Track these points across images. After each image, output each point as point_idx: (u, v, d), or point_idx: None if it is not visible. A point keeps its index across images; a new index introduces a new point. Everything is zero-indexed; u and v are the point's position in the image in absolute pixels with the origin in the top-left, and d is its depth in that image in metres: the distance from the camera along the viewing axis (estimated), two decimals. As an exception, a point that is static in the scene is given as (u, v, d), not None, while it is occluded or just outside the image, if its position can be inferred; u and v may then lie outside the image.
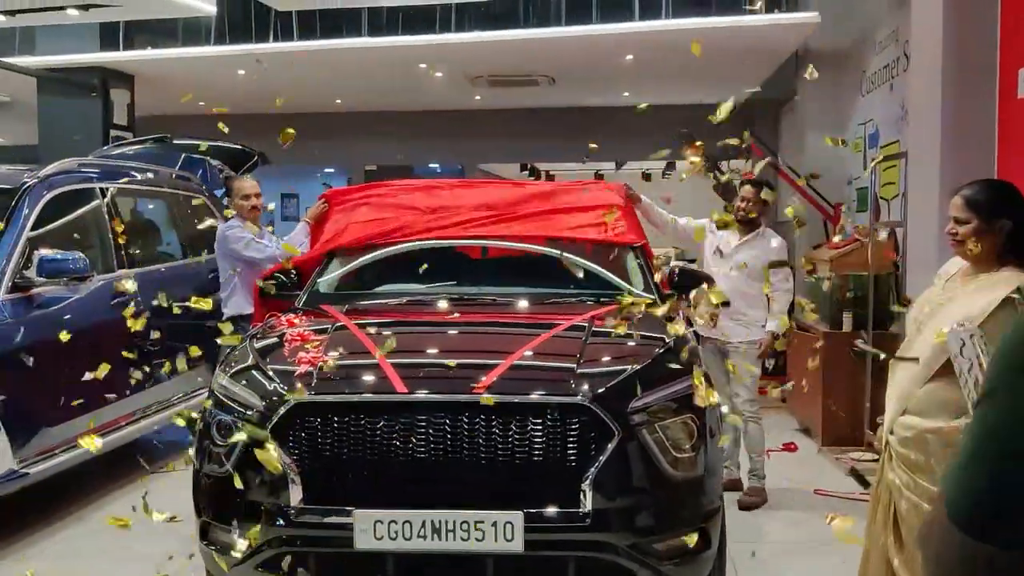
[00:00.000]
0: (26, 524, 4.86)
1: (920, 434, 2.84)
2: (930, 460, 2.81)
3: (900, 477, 2.89)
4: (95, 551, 4.53)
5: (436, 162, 14.79)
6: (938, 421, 2.82)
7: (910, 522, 2.86)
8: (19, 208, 4.90)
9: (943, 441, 2.80)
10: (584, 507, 3.00)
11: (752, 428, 5.45)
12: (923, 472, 2.83)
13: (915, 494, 2.84)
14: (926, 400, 2.87)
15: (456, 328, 3.88)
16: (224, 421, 3.27)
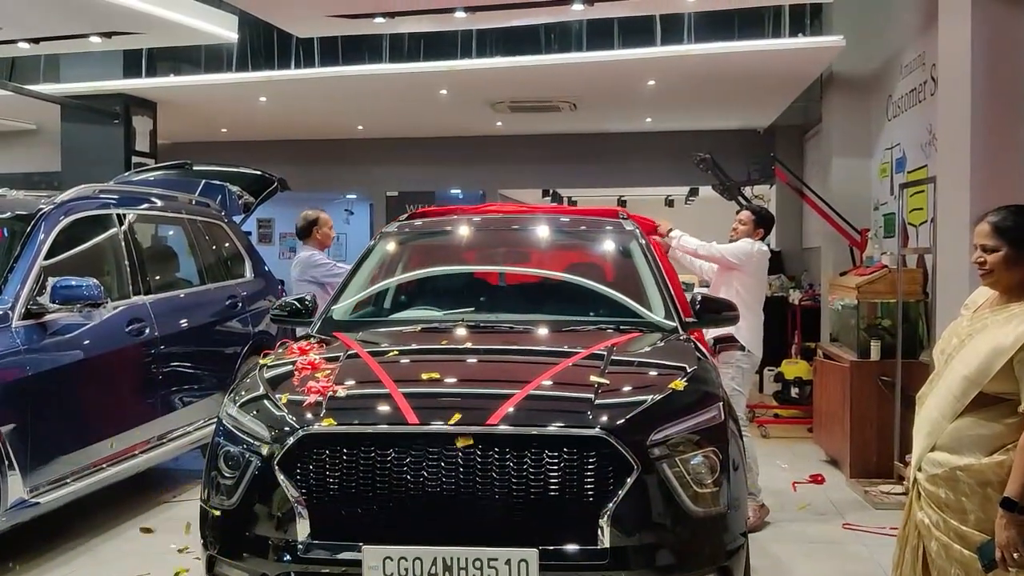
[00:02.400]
0: (36, 555, 4.78)
1: (951, 472, 2.71)
2: (961, 499, 2.68)
3: (929, 516, 2.76)
4: (104, 583, 4.44)
5: (458, 188, 14.76)
6: (969, 458, 2.70)
7: (939, 564, 2.73)
8: (34, 234, 4.87)
9: (975, 479, 2.67)
10: (602, 544, 2.88)
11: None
12: (953, 511, 2.70)
13: (945, 534, 2.70)
14: (957, 435, 2.74)
15: (471, 356, 3.78)
16: (232, 452, 3.19)
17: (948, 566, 2.70)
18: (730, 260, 5.59)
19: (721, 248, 5.64)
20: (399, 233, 5.01)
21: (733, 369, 5.53)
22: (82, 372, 4.84)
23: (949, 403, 2.77)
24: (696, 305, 4.33)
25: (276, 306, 4.53)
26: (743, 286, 5.57)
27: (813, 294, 10.27)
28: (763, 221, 5.86)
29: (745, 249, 5.63)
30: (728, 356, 5.53)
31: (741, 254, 5.61)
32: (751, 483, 5.34)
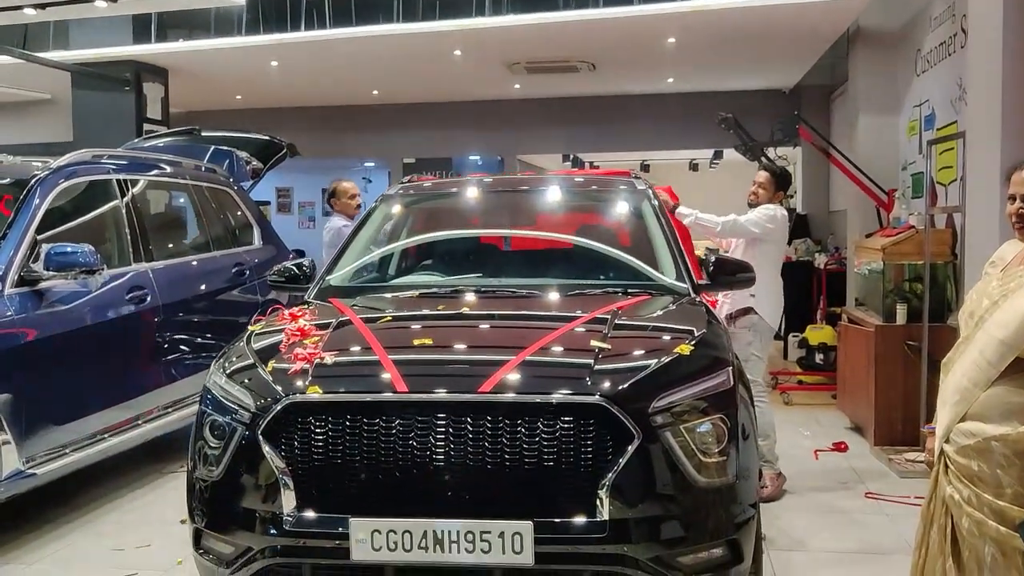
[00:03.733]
0: (34, 526, 4.71)
1: (984, 442, 2.49)
2: (996, 471, 2.46)
3: (959, 491, 2.54)
4: (102, 556, 4.36)
5: (476, 153, 14.54)
6: (1006, 427, 2.47)
7: (972, 543, 2.51)
8: (29, 199, 4.75)
9: (1012, 449, 2.45)
10: (600, 516, 2.72)
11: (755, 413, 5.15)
12: (988, 485, 2.48)
13: (978, 509, 2.49)
14: (991, 403, 2.51)
15: (468, 322, 3.61)
16: (217, 421, 3.06)
17: (981, 544, 2.49)
18: (756, 232, 5.34)
19: (743, 221, 5.36)
20: (401, 196, 4.85)
21: (751, 334, 5.36)
22: (79, 340, 4.74)
23: (982, 369, 2.54)
24: (709, 267, 4.12)
25: (274, 271, 4.38)
26: (764, 255, 5.34)
27: (839, 258, 10.01)
28: (782, 181, 5.65)
29: (768, 216, 5.39)
30: (746, 321, 5.35)
31: (766, 222, 5.35)
32: (768, 451, 5.25)
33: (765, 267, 5.26)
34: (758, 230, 5.34)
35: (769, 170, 5.67)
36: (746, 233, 5.36)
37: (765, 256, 5.36)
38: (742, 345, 5.25)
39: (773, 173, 5.61)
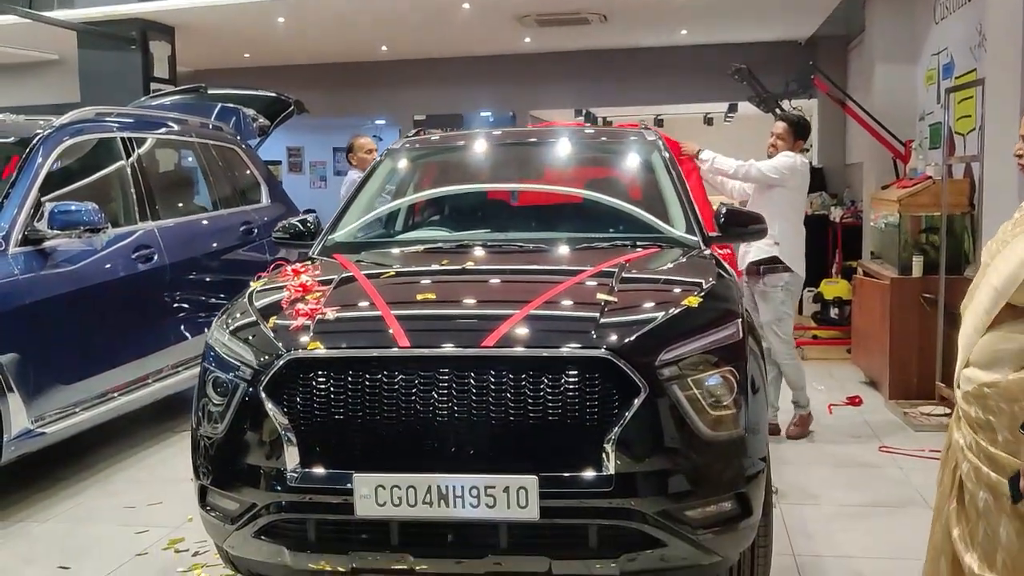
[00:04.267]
0: (47, 484, 4.74)
1: (979, 388, 2.47)
2: (989, 418, 2.43)
3: (964, 437, 2.52)
4: (113, 513, 4.38)
5: (487, 109, 14.39)
6: (997, 374, 2.44)
7: (970, 488, 2.50)
8: (32, 157, 4.71)
9: (1003, 396, 2.41)
10: (606, 471, 2.68)
11: (788, 368, 5.44)
12: (984, 431, 2.45)
13: (976, 456, 2.47)
14: (986, 350, 2.49)
15: (474, 277, 3.55)
16: (220, 378, 3.02)
17: (977, 490, 2.48)
18: (772, 177, 5.27)
19: (760, 165, 5.31)
20: (407, 150, 4.78)
21: (782, 292, 5.35)
22: (86, 299, 4.72)
23: (980, 316, 2.52)
24: (720, 218, 4.04)
25: (278, 228, 4.34)
26: (786, 203, 5.31)
27: (855, 211, 9.87)
28: (800, 130, 5.55)
29: (787, 163, 5.31)
30: (775, 279, 5.32)
31: (784, 168, 5.29)
32: (800, 397, 5.50)
33: (788, 215, 5.31)
34: (775, 175, 5.28)
35: (786, 119, 5.59)
36: (763, 178, 5.29)
37: (788, 204, 5.34)
38: (775, 305, 5.34)
39: (790, 122, 5.53)
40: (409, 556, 2.77)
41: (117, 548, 3.94)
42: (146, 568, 3.74)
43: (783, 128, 5.49)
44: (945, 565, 2.60)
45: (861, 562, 3.66)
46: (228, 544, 3.01)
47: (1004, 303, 2.45)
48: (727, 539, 2.83)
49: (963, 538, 2.54)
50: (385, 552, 2.78)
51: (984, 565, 2.45)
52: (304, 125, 14.56)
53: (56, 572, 3.72)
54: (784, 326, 5.37)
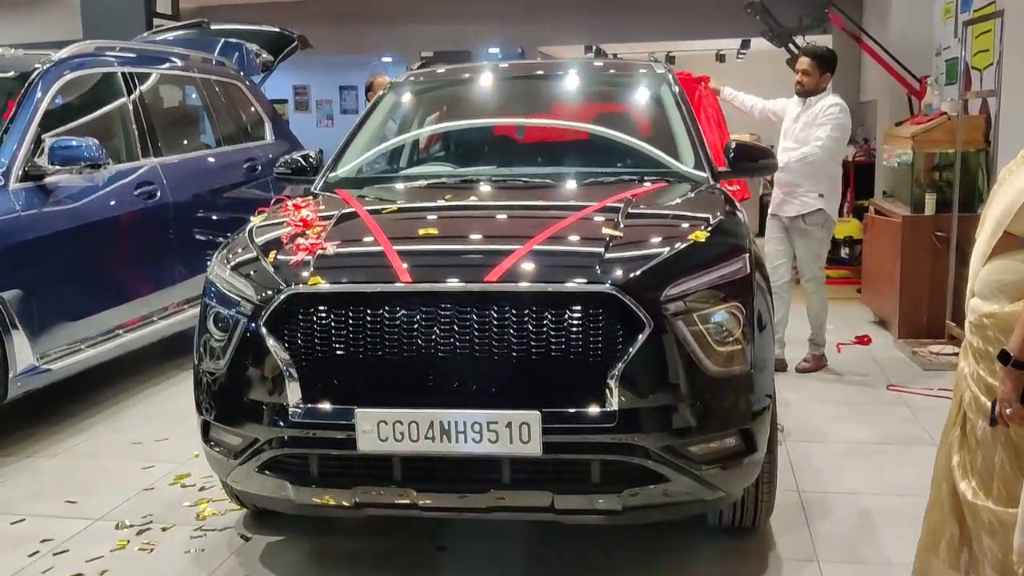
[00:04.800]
0: (55, 421, 4.76)
1: (979, 319, 2.49)
2: (988, 348, 2.45)
3: (969, 365, 2.54)
4: (120, 449, 4.40)
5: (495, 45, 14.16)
6: (994, 304, 2.45)
7: (971, 416, 2.53)
8: (31, 92, 4.64)
9: (999, 327, 2.43)
10: (610, 406, 2.65)
11: (813, 298, 5.54)
12: (984, 361, 2.47)
13: (976, 384, 2.50)
14: (986, 281, 2.50)
15: (477, 212, 3.50)
16: (221, 314, 3.00)
17: (976, 417, 2.51)
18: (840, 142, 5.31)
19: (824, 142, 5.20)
20: (411, 84, 4.69)
21: (823, 231, 5.45)
22: (89, 236, 4.69)
23: (981, 246, 2.53)
24: (730, 153, 3.97)
25: (280, 163, 4.28)
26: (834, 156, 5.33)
27: (868, 150, 9.72)
28: (827, 62, 5.42)
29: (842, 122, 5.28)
30: (818, 218, 5.36)
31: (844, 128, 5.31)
32: (818, 335, 5.59)
33: (832, 168, 5.37)
34: (841, 137, 5.29)
35: (810, 53, 5.48)
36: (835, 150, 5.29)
37: (833, 157, 5.35)
38: (814, 243, 5.43)
39: (815, 55, 5.42)
40: (412, 491, 2.77)
41: (124, 483, 3.96)
42: (152, 502, 3.76)
43: (808, 63, 5.37)
44: (946, 492, 2.63)
45: (866, 498, 3.65)
46: (232, 479, 3.02)
47: (1002, 232, 2.45)
48: (731, 475, 2.82)
49: (962, 465, 2.57)
50: (388, 487, 2.78)
51: (980, 493, 2.49)
52: (310, 63, 14.38)
53: (64, 506, 3.75)
54: (821, 260, 5.53)
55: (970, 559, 2.61)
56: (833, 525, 3.44)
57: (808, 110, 5.34)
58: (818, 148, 5.20)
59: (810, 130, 5.27)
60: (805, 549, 3.25)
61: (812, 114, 5.30)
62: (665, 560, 3.18)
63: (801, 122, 5.35)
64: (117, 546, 3.38)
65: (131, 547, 3.37)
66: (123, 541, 3.41)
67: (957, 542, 2.64)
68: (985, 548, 2.53)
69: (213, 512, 3.62)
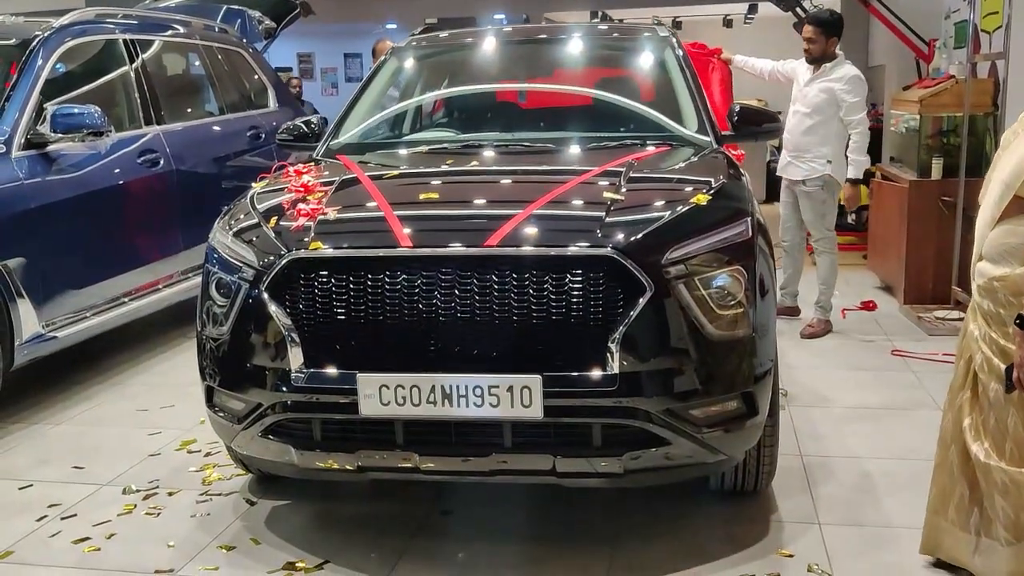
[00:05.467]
0: (62, 388, 4.79)
1: (989, 282, 2.51)
2: (999, 311, 2.47)
3: (979, 327, 2.56)
4: (126, 416, 4.43)
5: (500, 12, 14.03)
6: (1005, 267, 2.47)
7: (982, 378, 2.56)
8: (32, 60, 4.62)
9: (1010, 289, 2.46)
10: (611, 370, 2.66)
11: (824, 259, 5.58)
12: (995, 323, 2.49)
13: (989, 347, 2.52)
14: (995, 244, 2.51)
15: (479, 177, 3.48)
16: (223, 280, 3.00)
17: (988, 380, 2.54)
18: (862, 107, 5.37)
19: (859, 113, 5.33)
20: (414, 49, 4.66)
21: (826, 191, 5.49)
22: (92, 204, 4.69)
23: (990, 208, 2.54)
24: (734, 117, 3.94)
25: (282, 130, 4.27)
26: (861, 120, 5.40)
27: (876, 115, 9.64)
28: (832, 27, 5.44)
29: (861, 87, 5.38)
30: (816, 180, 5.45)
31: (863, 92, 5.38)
32: (825, 300, 5.62)
33: (841, 132, 5.44)
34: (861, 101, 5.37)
35: (813, 20, 5.49)
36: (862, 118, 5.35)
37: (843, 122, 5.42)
38: (817, 204, 5.50)
39: (819, 22, 5.43)
40: (415, 455, 2.78)
41: (130, 449, 3.99)
42: (159, 468, 3.79)
43: (812, 30, 5.40)
44: (956, 454, 2.66)
45: (868, 462, 3.66)
46: (236, 443, 3.04)
47: (1012, 195, 2.45)
48: (732, 438, 2.83)
49: (973, 427, 2.60)
50: (391, 451, 2.80)
51: (992, 454, 2.52)
52: (314, 31, 14.27)
53: (71, 472, 3.78)
54: (828, 221, 5.55)
55: (980, 519, 2.65)
56: (835, 488, 3.45)
57: (823, 77, 5.38)
58: (860, 133, 5.33)
59: (827, 96, 5.33)
60: (806, 512, 3.26)
61: (829, 83, 5.35)
62: (667, 522, 3.19)
63: (815, 87, 5.40)
64: (124, 510, 3.41)
65: (138, 511, 3.40)
66: (130, 505, 3.44)
67: (967, 503, 2.68)
68: (998, 508, 2.57)
69: (219, 477, 3.65)
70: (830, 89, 5.32)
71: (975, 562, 2.69)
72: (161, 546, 3.14)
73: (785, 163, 5.55)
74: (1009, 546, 2.56)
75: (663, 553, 3.00)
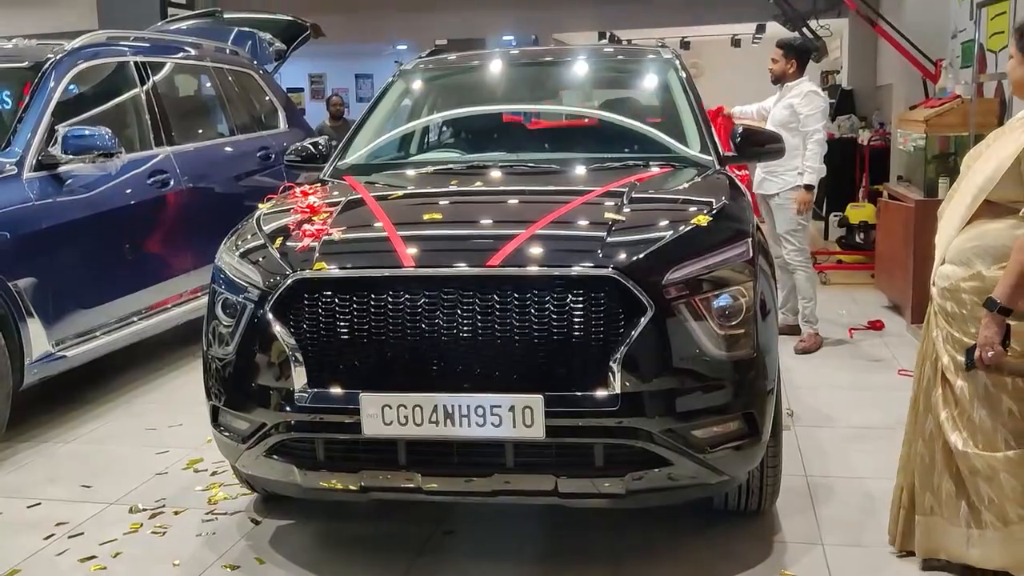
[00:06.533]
0: (72, 406, 4.83)
1: (955, 284, 2.63)
2: (962, 311, 2.61)
3: (942, 330, 2.69)
4: (135, 435, 4.46)
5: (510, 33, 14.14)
6: (973, 270, 2.59)
7: (949, 378, 2.69)
8: (44, 82, 4.68)
9: (978, 292, 2.57)
10: (613, 390, 2.67)
11: (800, 276, 5.71)
12: (959, 323, 2.63)
13: (952, 347, 2.65)
14: (963, 247, 2.63)
15: (482, 197, 3.52)
16: (229, 300, 3.04)
17: (954, 379, 2.66)
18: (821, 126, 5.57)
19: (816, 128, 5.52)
20: (420, 71, 4.70)
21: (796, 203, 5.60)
22: (102, 225, 4.74)
23: (960, 214, 2.65)
24: (736, 138, 3.96)
25: (290, 151, 4.31)
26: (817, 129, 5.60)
27: (883, 134, 9.66)
28: (792, 51, 5.74)
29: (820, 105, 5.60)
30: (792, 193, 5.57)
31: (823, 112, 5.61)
32: (810, 312, 5.71)
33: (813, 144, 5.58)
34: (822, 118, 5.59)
35: (780, 43, 5.80)
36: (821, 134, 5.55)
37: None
38: (790, 216, 5.60)
39: (782, 44, 5.76)
40: (417, 475, 2.80)
41: (138, 468, 4.01)
42: (166, 486, 3.82)
43: (776, 52, 5.72)
44: (938, 449, 2.80)
45: (872, 482, 3.65)
46: (240, 463, 3.06)
47: (983, 198, 2.57)
48: (735, 458, 2.84)
49: (949, 419, 2.74)
50: (394, 471, 2.82)
51: (970, 442, 2.68)
52: (326, 52, 14.39)
53: (79, 490, 3.80)
54: (799, 235, 5.66)
55: (970, 512, 2.76)
56: (839, 509, 3.44)
57: (785, 96, 5.69)
58: (816, 142, 5.51)
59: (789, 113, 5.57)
60: (810, 532, 3.26)
61: (790, 99, 5.62)
62: (669, 542, 3.20)
63: (779, 106, 5.69)
64: (130, 529, 3.43)
65: (144, 530, 3.43)
66: (136, 524, 3.47)
67: (954, 498, 2.79)
68: (983, 495, 2.69)
69: (224, 496, 3.67)
70: (791, 105, 5.59)
71: (971, 554, 2.78)
72: (166, 565, 3.16)
73: (760, 179, 5.72)
74: (998, 530, 2.67)
75: (666, 573, 3.01)
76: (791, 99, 5.61)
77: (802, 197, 5.53)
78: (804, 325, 5.73)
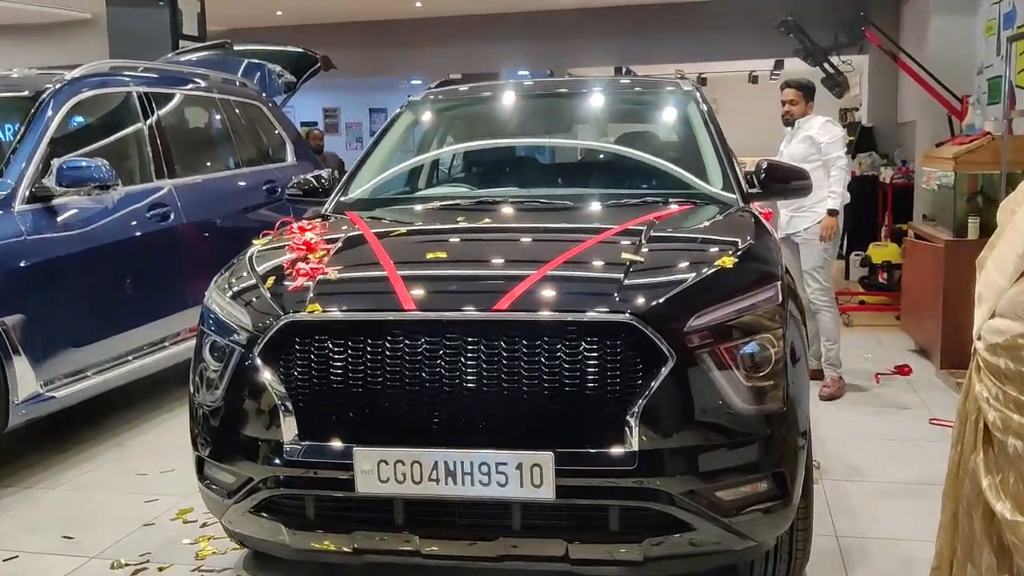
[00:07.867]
0: (61, 448, 4.62)
1: (1012, 340, 2.34)
2: (1021, 368, 2.31)
3: (988, 388, 2.41)
4: (124, 481, 4.24)
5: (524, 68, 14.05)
6: None
7: (998, 437, 2.41)
8: (41, 112, 4.53)
9: None
10: (630, 447, 2.44)
11: (824, 317, 5.51)
12: (1013, 382, 2.35)
13: (1004, 406, 2.37)
14: (1015, 300, 2.34)
15: (490, 235, 3.31)
16: (217, 343, 2.83)
17: (1006, 438, 2.39)
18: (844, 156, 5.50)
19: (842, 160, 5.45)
20: (429, 102, 4.52)
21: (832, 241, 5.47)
22: (97, 260, 4.55)
23: (1011, 262, 2.37)
24: (761, 174, 3.75)
25: (292, 185, 4.13)
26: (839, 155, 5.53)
27: (906, 172, 9.45)
28: (810, 92, 5.72)
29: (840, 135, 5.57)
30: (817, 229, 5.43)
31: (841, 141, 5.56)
32: (835, 356, 5.47)
33: None
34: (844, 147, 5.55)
35: (795, 84, 5.70)
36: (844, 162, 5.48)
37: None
38: (818, 252, 5.47)
39: (800, 86, 5.67)
40: (416, 537, 2.57)
41: (125, 517, 3.79)
42: (152, 539, 3.59)
43: (793, 94, 5.65)
44: (978, 519, 2.52)
45: (910, 545, 3.39)
46: (227, 519, 2.85)
47: None
48: (762, 522, 2.59)
49: (993, 487, 2.47)
50: (390, 532, 2.59)
51: (1017, 512, 2.38)
52: (340, 86, 14.35)
53: (61, 542, 3.58)
54: (824, 272, 5.50)
55: None
56: (873, 574, 3.18)
57: (800, 132, 5.59)
58: (840, 168, 5.42)
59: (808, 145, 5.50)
60: (843, 601, 3.00)
61: (807, 133, 5.54)
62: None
63: (795, 142, 5.60)
64: (110, 587, 3.20)
65: (124, 588, 3.20)
66: (117, 581, 3.24)
67: (996, 571, 2.50)
68: None
69: (213, 551, 3.44)
70: (808, 138, 5.50)
71: None
72: (145, 628, 2.92)
73: (787, 220, 5.56)
74: None
75: (686, 647, 2.75)
76: (807, 132, 5.52)
77: (827, 223, 5.35)
78: (827, 368, 5.48)
